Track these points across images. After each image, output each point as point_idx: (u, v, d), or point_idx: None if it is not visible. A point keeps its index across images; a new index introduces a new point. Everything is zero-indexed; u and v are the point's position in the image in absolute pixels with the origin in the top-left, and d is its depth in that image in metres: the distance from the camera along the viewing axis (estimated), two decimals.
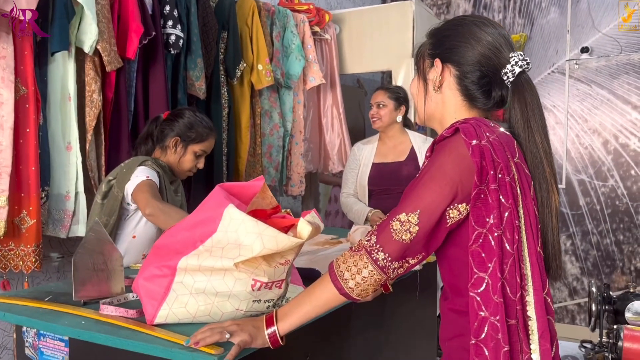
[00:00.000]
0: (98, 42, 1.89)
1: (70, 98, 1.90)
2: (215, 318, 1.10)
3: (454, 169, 0.95)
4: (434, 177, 0.96)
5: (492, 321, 0.91)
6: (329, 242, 2.11)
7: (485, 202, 0.93)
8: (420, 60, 1.12)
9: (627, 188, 3.63)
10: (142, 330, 1.07)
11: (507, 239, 0.93)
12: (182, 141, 1.83)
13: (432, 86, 1.09)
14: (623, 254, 3.65)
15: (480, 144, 0.94)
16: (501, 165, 0.94)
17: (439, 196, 0.94)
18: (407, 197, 0.98)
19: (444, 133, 1.00)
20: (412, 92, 1.16)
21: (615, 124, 3.65)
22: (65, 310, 1.21)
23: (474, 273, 0.94)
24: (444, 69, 1.07)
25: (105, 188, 1.76)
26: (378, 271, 0.96)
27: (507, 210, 0.93)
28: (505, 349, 0.90)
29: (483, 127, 0.97)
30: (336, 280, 0.98)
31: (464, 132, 0.96)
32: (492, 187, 0.93)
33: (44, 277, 2.11)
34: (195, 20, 2.33)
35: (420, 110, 1.13)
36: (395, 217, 0.96)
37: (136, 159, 1.79)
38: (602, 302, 1.31)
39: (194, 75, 2.33)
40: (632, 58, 3.55)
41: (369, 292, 0.98)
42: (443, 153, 0.97)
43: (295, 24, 2.92)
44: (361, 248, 0.98)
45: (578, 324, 3.79)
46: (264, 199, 1.23)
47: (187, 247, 1.08)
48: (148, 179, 1.69)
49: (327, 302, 1.01)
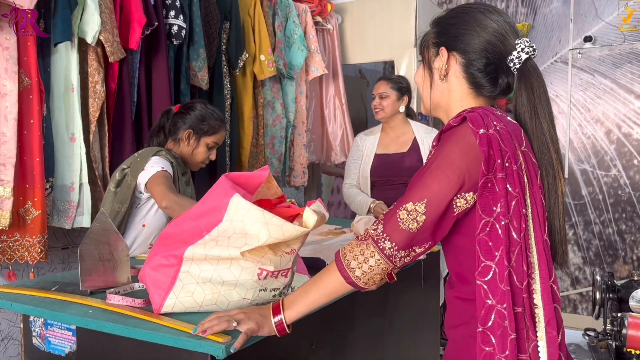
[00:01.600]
0: (101, 33, 1.88)
1: (74, 89, 1.90)
2: (221, 307, 1.10)
3: (461, 157, 0.94)
4: (441, 166, 0.96)
5: (499, 309, 0.91)
6: (332, 233, 2.12)
7: (493, 191, 0.93)
8: (425, 49, 1.12)
9: (629, 178, 3.62)
10: (149, 319, 1.08)
11: (514, 227, 0.93)
12: (195, 134, 1.86)
13: (437, 75, 1.08)
14: (625, 243, 3.66)
15: (488, 133, 0.94)
16: (508, 154, 0.94)
17: (446, 185, 0.94)
18: (414, 186, 0.97)
19: (450, 122, 1.00)
20: (417, 82, 1.15)
21: (618, 114, 3.64)
22: (72, 299, 1.22)
23: (481, 261, 0.94)
24: (449, 57, 1.06)
25: (119, 176, 1.78)
26: (385, 260, 0.96)
27: (514, 198, 0.93)
28: (512, 336, 0.91)
29: (490, 115, 0.97)
30: (343, 269, 0.98)
31: (472, 121, 0.95)
32: (499, 175, 0.93)
33: (49, 267, 2.12)
34: (197, 11, 2.32)
35: (426, 99, 1.13)
36: (402, 206, 0.96)
37: (150, 149, 1.81)
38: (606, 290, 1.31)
39: (196, 65, 2.32)
40: (635, 47, 3.53)
41: (375, 280, 0.99)
42: (450, 142, 0.97)
43: (298, 14, 2.91)
44: (368, 237, 0.98)
45: (580, 313, 3.81)
46: (269, 188, 1.23)
47: (194, 236, 1.09)
48: (163, 170, 1.71)
49: (333, 291, 1.01)
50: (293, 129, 2.96)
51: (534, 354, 0.92)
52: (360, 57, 3.43)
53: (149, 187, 1.72)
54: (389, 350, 1.75)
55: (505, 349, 0.91)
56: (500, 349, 0.91)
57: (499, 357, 0.91)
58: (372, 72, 4.36)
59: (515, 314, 0.92)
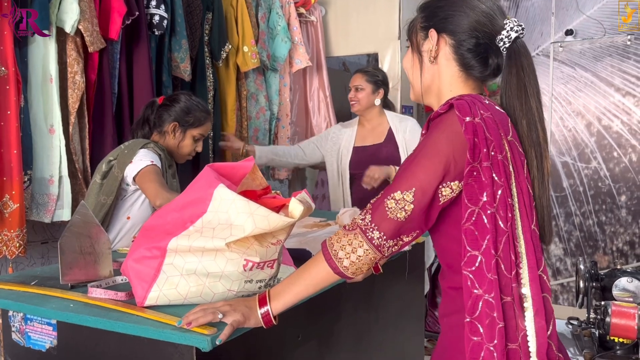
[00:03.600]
0: (80, 22, 1.84)
1: (52, 79, 1.85)
2: (206, 299, 1.09)
3: (447, 146, 0.94)
4: (428, 154, 0.95)
5: (487, 299, 0.91)
6: (317, 225, 2.11)
7: (478, 180, 0.93)
8: (413, 34, 1.11)
9: (609, 170, 3.67)
10: (132, 312, 1.06)
11: (500, 216, 0.93)
12: (181, 126, 1.85)
13: (427, 58, 1.07)
14: (605, 234, 3.72)
15: (474, 121, 0.93)
16: (494, 143, 0.94)
17: (432, 174, 0.94)
18: (402, 175, 0.97)
19: (438, 110, 1.00)
20: (406, 67, 1.14)
21: (599, 106, 3.68)
22: (52, 294, 1.19)
23: (467, 251, 0.94)
24: (439, 39, 1.05)
25: (106, 168, 1.75)
26: (373, 250, 0.95)
27: (500, 188, 0.93)
28: (499, 325, 0.91)
29: (478, 104, 0.97)
30: (330, 260, 0.98)
31: (458, 109, 0.95)
32: (485, 164, 0.93)
33: (28, 262, 2.08)
34: (179, 1, 2.28)
35: (416, 84, 1.11)
36: (390, 195, 0.95)
37: (138, 141, 1.79)
38: (589, 279, 1.32)
39: (178, 57, 2.29)
40: (615, 40, 3.57)
41: (363, 270, 0.98)
42: (437, 130, 0.97)
43: (281, 5, 2.88)
44: (355, 227, 0.97)
45: (561, 303, 3.86)
46: (254, 179, 1.22)
47: (177, 228, 1.07)
48: (152, 165, 1.69)
49: (320, 281, 1.01)
50: (277, 121, 2.94)
51: (523, 343, 0.92)
52: (344, 49, 3.42)
53: (139, 183, 1.69)
54: (375, 341, 1.75)
55: (493, 338, 0.91)
56: (489, 338, 0.91)
57: (487, 347, 0.91)
58: (356, 64, 4.34)
59: (503, 304, 0.92)
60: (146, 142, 1.79)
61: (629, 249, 3.65)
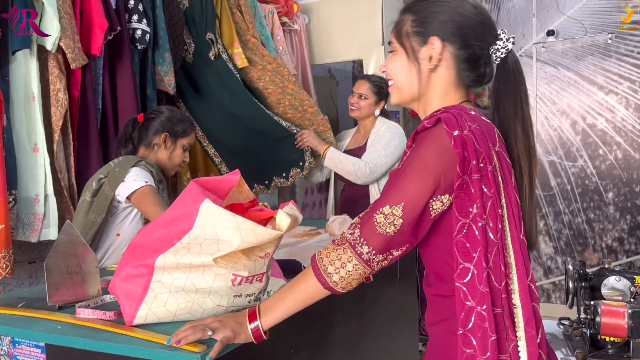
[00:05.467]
0: (61, 39, 1.83)
1: (35, 98, 1.84)
2: (196, 315, 1.08)
3: (436, 160, 0.93)
4: (417, 168, 0.94)
5: (479, 311, 0.91)
6: (307, 234, 2.11)
7: (468, 193, 0.93)
8: (405, 38, 1.06)
9: (595, 167, 3.71)
10: (121, 332, 1.05)
11: (490, 228, 0.93)
12: (171, 136, 1.87)
13: (426, 65, 1.04)
14: (594, 231, 3.74)
15: (462, 134, 0.93)
16: (483, 155, 0.93)
17: (422, 188, 0.93)
18: (390, 189, 0.96)
19: (425, 123, 0.98)
20: (394, 72, 1.09)
21: (583, 105, 3.72)
22: (40, 315, 1.18)
23: (460, 263, 0.94)
24: (443, 48, 1.03)
25: (96, 186, 1.74)
26: (362, 265, 0.95)
27: (490, 199, 0.93)
28: (492, 337, 0.90)
29: (465, 115, 0.96)
30: (320, 275, 0.97)
31: (446, 122, 0.94)
32: (474, 177, 0.92)
33: (16, 283, 2.05)
34: (161, 14, 2.27)
35: (407, 90, 1.08)
36: (378, 209, 0.95)
37: (129, 159, 1.79)
38: (578, 279, 1.33)
39: (162, 70, 2.28)
40: (596, 39, 3.62)
41: (353, 285, 0.98)
42: (425, 144, 0.96)
43: (264, 15, 2.89)
44: (344, 241, 0.97)
45: (554, 302, 3.88)
46: (240, 192, 1.21)
47: (164, 244, 1.06)
48: (148, 186, 1.69)
49: (310, 296, 1.00)
50: None
51: (514, 353, 0.92)
52: (329, 56, 3.43)
53: (137, 204, 1.70)
54: (369, 349, 1.74)
55: (486, 351, 0.90)
56: (482, 350, 0.91)
57: (481, 359, 0.90)
58: (341, 71, 4.36)
59: (494, 315, 0.92)
60: (137, 159, 1.78)
61: (618, 245, 3.68)
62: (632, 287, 1.29)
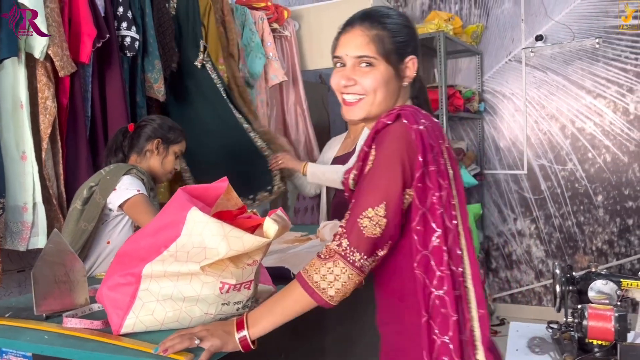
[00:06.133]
0: (49, 47, 1.82)
1: (23, 105, 1.83)
2: (184, 324, 1.08)
3: (402, 155, 0.98)
4: (388, 166, 0.98)
5: (439, 294, 0.96)
6: (298, 240, 2.11)
7: (426, 183, 0.99)
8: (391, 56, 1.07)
9: (585, 171, 3.74)
10: (108, 341, 1.04)
11: (447, 216, 0.99)
12: (164, 142, 1.88)
13: (406, 82, 1.11)
14: (584, 234, 3.77)
15: (420, 128, 0.99)
16: (436, 149, 1.00)
17: (397, 184, 0.97)
18: (367, 191, 0.99)
19: (384, 120, 1.02)
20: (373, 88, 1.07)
21: (571, 109, 3.75)
22: (27, 325, 1.17)
23: (419, 251, 0.98)
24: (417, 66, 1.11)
25: (87, 194, 1.74)
26: (357, 273, 0.97)
27: (445, 190, 0.99)
28: (454, 318, 0.95)
29: (419, 114, 1.03)
30: (313, 293, 0.98)
31: (406, 117, 1.00)
32: (431, 168, 0.98)
33: (4, 292, 2.04)
34: (150, 21, 2.27)
35: (383, 106, 1.08)
36: (361, 214, 0.97)
37: (120, 166, 1.78)
38: (565, 283, 1.34)
39: (152, 77, 2.27)
40: (584, 44, 3.65)
41: (347, 294, 1.00)
42: (390, 140, 1.00)
43: (254, 21, 2.89)
44: (333, 254, 0.98)
45: (545, 305, 3.90)
46: (229, 200, 1.21)
47: (151, 253, 1.06)
48: (140, 194, 1.68)
49: (301, 311, 1.02)
50: None
51: (470, 333, 0.97)
52: (320, 62, 3.44)
53: (129, 213, 1.70)
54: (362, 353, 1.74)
55: (448, 331, 0.95)
56: (444, 331, 0.95)
57: (443, 340, 0.95)
58: None
59: (455, 297, 0.96)
60: (129, 167, 1.78)
61: (608, 248, 3.71)
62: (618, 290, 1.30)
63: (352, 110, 1.10)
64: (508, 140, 3.96)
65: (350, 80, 1.08)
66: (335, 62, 1.13)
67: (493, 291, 4.07)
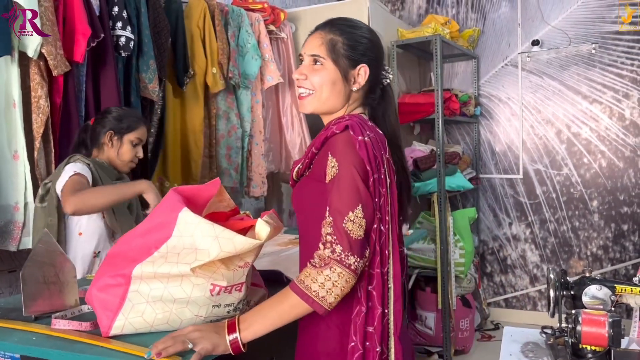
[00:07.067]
0: (43, 46, 1.81)
1: (15, 104, 1.81)
2: (174, 326, 1.07)
3: (354, 160, 1.05)
4: (351, 170, 1.05)
5: (370, 289, 1.07)
6: (292, 242, 2.09)
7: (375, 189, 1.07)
8: (340, 58, 1.16)
9: (580, 176, 3.74)
10: (97, 344, 1.03)
11: (383, 221, 1.07)
12: (117, 134, 1.88)
13: (350, 87, 1.17)
14: (579, 239, 3.77)
15: (364, 140, 1.07)
16: (378, 159, 1.08)
17: (363, 185, 1.04)
18: (341, 197, 1.03)
19: (334, 129, 1.10)
20: (319, 85, 1.17)
21: (567, 114, 3.76)
22: (15, 326, 1.16)
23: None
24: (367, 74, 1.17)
25: (42, 191, 1.78)
26: (353, 275, 1.01)
27: (383, 197, 1.07)
28: (379, 310, 1.06)
29: (365, 125, 1.11)
30: (313, 302, 1.00)
31: (352, 129, 1.08)
32: (374, 176, 1.06)
33: None
34: (145, 21, 2.26)
35: (328, 104, 1.18)
36: (344, 219, 1.02)
37: (66, 160, 1.81)
38: (559, 287, 1.33)
39: (146, 77, 2.26)
40: (580, 49, 3.66)
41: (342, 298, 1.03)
42: (343, 147, 1.07)
43: (250, 23, 2.88)
44: (329, 261, 1.00)
45: (540, 310, 3.89)
46: (221, 201, 1.20)
47: (142, 254, 1.05)
48: (74, 175, 1.69)
49: (296, 317, 1.05)
50: (250, 138, 2.92)
51: (386, 325, 1.08)
52: None
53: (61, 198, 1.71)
54: None
55: (374, 322, 1.05)
56: (371, 321, 1.05)
57: (368, 329, 1.05)
58: None
59: (382, 292, 1.06)
60: (73, 156, 1.81)
61: (602, 253, 3.71)
62: (612, 295, 1.29)
63: (302, 104, 1.20)
64: (504, 144, 3.96)
65: (302, 74, 1.19)
66: (300, 59, 1.23)
67: (487, 295, 4.06)
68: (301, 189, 1.19)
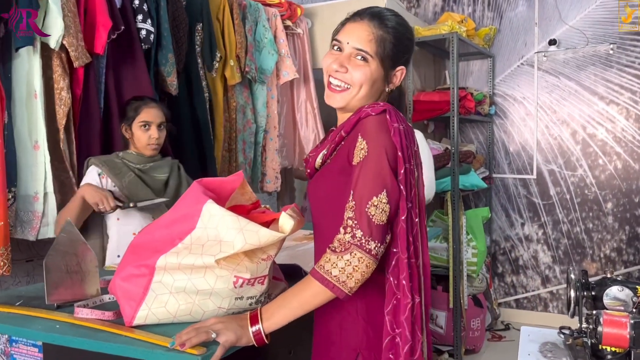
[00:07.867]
0: (64, 37, 1.82)
1: (37, 95, 1.83)
2: (196, 317, 1.07)
3: (386, 145, 1.03)
4: (380, 155, 1.02)
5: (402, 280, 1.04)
6: (307, 238, 2.10)
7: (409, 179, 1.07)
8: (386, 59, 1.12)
9: (595, 177, 3.71)
10: (120, 333, 1.04)
11: (414, 212, 1.08)
12: (127, 124, 1.93)
13: (389, 87, 1.17)
14: (593, 241, 3.74)
15: (399, 127, 1.06)
16: (410, 150, 1.07)
17: (389, 170, 1.02)
18: (367, 180, 1.01)
19: (368, 110, 1.07)
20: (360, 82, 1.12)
21: (583, 115, 3.72)
22: (37, 314, 1.17)
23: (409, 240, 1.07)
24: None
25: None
26: (373, 260, 1.00)
27: (413, 189, 1.08)
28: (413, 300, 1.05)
29: (399, 114, 1.10)
30: (334, 287, 0.99)
31: (389, 114, 1.06)
32: (406, 166, 1.05)
33: (12, 281, 2.04)
34: (165, 15, 2.27)
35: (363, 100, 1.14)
36: (367, 203, 1.00)
37: (85, 162, 1.91)
38: (580, 288, 1.32)
39: (165, 70, 2.27)
40: (598, 49, 3.63)
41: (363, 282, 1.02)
42: (376, 130, 1.05)
43: (267, 18, 2.88)
44: (349, 246, 0.99)
45: (551, 311, 3.87)
46: (243, 194, 1.21)
47: (166, 245, 1.05)
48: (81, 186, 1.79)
49: (318, 304, 1.04)
50: (265, 134, 2.93)
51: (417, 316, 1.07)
52: None
53: None
54: None
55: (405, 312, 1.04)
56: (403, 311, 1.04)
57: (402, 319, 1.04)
58: None
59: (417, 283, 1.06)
60: (87, 160, 1.90)
61: (616, 256, 3.68)
62: (634, 297, 1.28)
63: (334, 97, 1.15)
64: (518, 144, 3.94)
65: (342, 67, 1.13)
66: (334, 44, 1.17)
67: (498, 296, 4.04)
68: (318, 179, 1.17)
